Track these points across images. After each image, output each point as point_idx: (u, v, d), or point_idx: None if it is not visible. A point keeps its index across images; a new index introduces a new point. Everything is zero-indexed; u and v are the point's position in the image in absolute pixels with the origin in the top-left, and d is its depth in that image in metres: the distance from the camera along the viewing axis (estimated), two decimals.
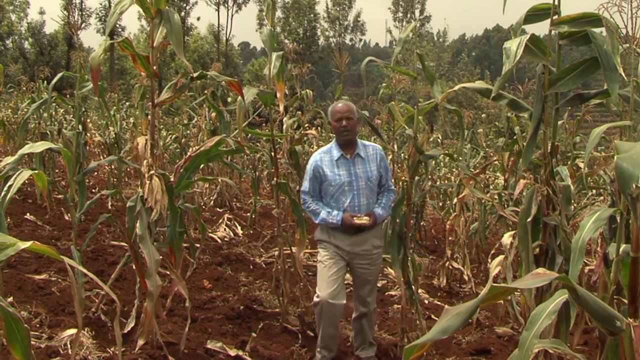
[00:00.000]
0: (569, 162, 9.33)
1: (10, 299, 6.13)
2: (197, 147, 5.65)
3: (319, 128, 17.04)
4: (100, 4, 74.71)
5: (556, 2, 4.07)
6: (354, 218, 6.11)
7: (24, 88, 19.05)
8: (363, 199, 6.26)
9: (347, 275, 6.69)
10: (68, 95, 15.69)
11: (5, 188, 4.60)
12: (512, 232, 5.30)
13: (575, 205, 9.93)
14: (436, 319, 7.33)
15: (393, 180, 11.90)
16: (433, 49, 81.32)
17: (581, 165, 9.05)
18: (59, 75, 8.12)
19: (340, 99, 7.06)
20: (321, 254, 6.39)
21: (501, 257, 5.69)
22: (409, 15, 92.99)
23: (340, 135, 6.29)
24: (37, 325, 6.01)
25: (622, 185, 2.54)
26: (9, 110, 19.26)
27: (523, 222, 4.30)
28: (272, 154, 7.23)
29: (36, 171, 4.88)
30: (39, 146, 4.97)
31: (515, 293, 5.46)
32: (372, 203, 6.35)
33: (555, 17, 4.07)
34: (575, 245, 3.47)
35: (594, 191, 12.45)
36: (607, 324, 2.39)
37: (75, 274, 2.63)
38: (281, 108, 6.81)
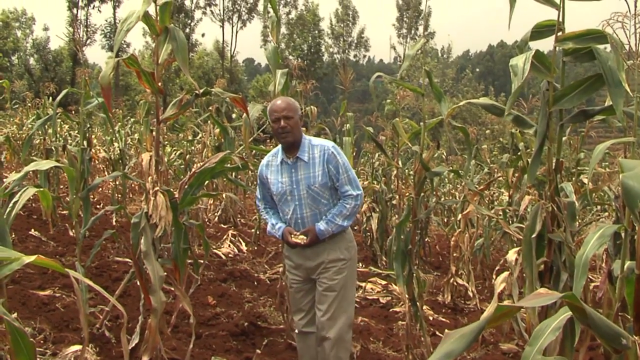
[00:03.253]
0: (573, 179, 9.33)
1: (15, 315, 6.11)
2: (201, 164, 5.65)
3: None
4: (106, 21, 75.18)
5: (560, 19, 4.08)
6: (291, 235, 5.59)
7: (29, 104, 19.07)
8: (306, 210, 5.61)
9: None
10: (73, 112, 15.71)
11: (11, 205, 4.61)
12: (517, 249, 5.27)
13: (579, 221, 9.92)
14: (441, 335, 7.34)
15: (398, 197, 11.92)
16: (437, 65, 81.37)
17: (586, 181, 9.05)
18: (64, 91, 8.16)
19: (277, 98, 5.93)
20: (287, 275, 6.08)
21: (506, 273, 5.65)
22: (412, 32, 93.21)
23: (279, 137, 5.57)
24: (42, 341, 6.01)
25: (629, 203, 2.55)
26: (14, 126, 19.28)
27: (528, 238, 4.29)
28: None
29: (41, 189, 4.90)
30: (45, 164, 4.98)
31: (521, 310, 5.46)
32: (320, 214, 5.63)
33: (560, 33, 4.08)
34: (578, 262, 3.46)
35: (598, 207, 12.43)
36: (612, 341, 2.39)
37: (80, 288, 2.64)
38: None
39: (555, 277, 4.31)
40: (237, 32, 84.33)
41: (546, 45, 4.41)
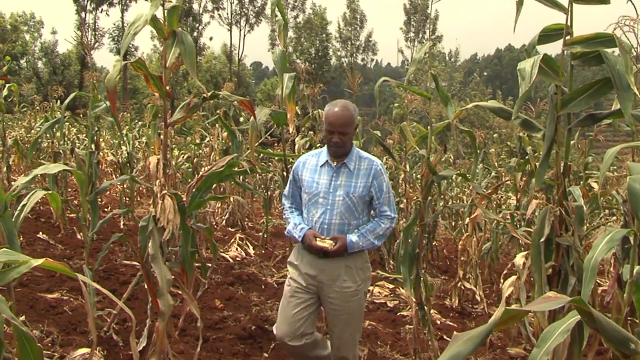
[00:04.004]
0: (581, 182, 9.30)
1: (22, 318, 6.13)
2: (209, 167, 5.65)
3: None
4: (114, 24, 75.52)
5: (569, 23, 4.07)
6: (316, 238, 5.25)
7: (38, 107, 19.12)
8: (336, 217, 5.29)
9: None
10: (81, 115, 15.76)
11: (19, 207, 4.62)
12: (525, 253, 5.26)
13: (587, 225, 9.89)
14: (448, 339, 7.32)
15: (405, 201, 11.90)
16: (445, 68, 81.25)
17: (594, 185, 9.02)
18: (72, 95, 8.19)
19: (337, 103, 5.42)
20: (285, 286, 5.61)
21: (514, 277, 5.64)
22: (420, 35, 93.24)
23: (329, 148, 5.36)
24: (49, 345, 6.02)
25: (634, 207, 2.54)
26: (23, 130, 19.34)
27: (536, 242, 4.27)
28: (284, 173, 7.25)
29: (50, 192, 4.91)
30: (53, 167, 4.97)
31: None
32: (348, 226, 5.32)
33: (568, 37, 4.07)
34: (587, 265, 3.46)
35: (606, 211, 12.40)
36: (621, 346, 2.38)
37: (88, 292, 2.65)
38: (291, 129, 6.83)
39: (563, 281, 4.30)
40: (244, 35, 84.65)
41: (554, 49, 4.40)
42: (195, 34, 76.78)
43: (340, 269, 5.30)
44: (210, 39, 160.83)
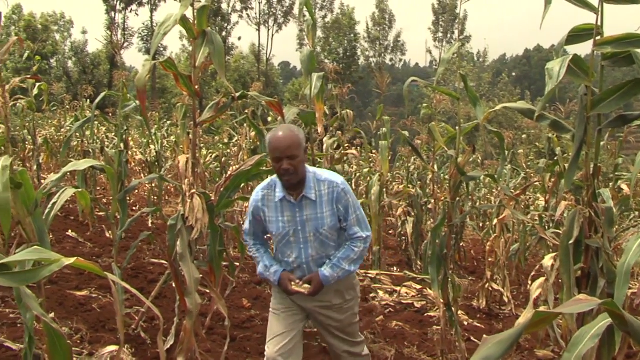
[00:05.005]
0: (611, 184, 9.24)
1: (52, 315, 6.18)
2: (237, 167, 5.66)
3: (358, 148, 16.97)
4: (143, 24, 75.91)
5: (599, 23, 4.04)
6: (292, 283, 4.86)
7: (67, 106, 19.27)
8: (312, 252, 4.91)
9: None
10: (110, 114, 15.86)
11: (50, 206, 4.65)
12: (553, 254, 5.23)
13: (617, 227, 9.83)
14: (475, 340, 7.30)
15: (433, 202, 11.86)
16: (473, 69, 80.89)
17: (623, 187, 8.97)
18: (103, 94, 8.22)
19: (280, 128, 4.88)
20: (273, 300, 5.21)
21: (542, 279, 5.59)
22: (449, 36, 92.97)
23: (281, 178, 4.78)
24: (78, 341, 6.07)
25: None
26: (53, 129, 19.49)
27: (565, 244, 4.25)
28: None
29: (80, 189, 4.94)
30: (83, 164, 5.00)
31: None
32: (326, 258, 4.97)
33: (598, 37, 4.04)
34: (620, 269, 3.43)
35: (637, 213, 12.31)
36: None
37: (117, 290, 2.66)
38: (320, 129, 6.83)
39: (592, 284, 4.27)
40: (273, 35, 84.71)
41: (584, 49, 4.38)
42: (223, 33, 76.92)
43: (329, 295, 5.01)
44: (239, 38, 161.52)
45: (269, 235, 5.21)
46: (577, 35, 4.22)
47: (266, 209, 4.94)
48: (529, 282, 6.93)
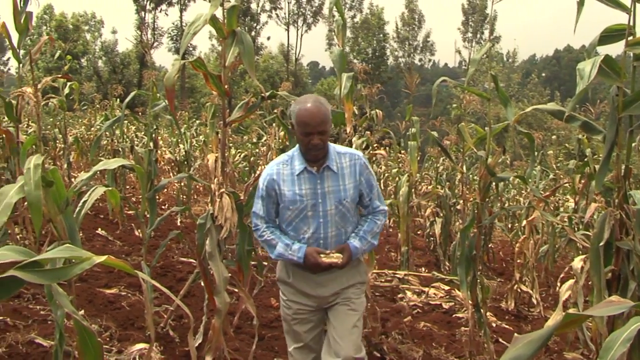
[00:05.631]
0: None
1: (82, 313, 6.22)
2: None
3: (387, 148, 16.93)
4: (173, 24, 76.31)
5: (631, 23, 4.01)
6: (321, 255, 4.60)
7: (98, 106, 19.42)
8: (332, 228, 4.70)
9: None
10: (140, 113, 15.96)
11: (80, 204, 4.68)
12: (583, 256, 5.20)
13: None
14: (504, 342, 7.27)
15: (462, 202, 11.83)
16: (502, 69, 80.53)
17: None
18: (133, 93, 8.27)
19: (307, 99, 4.70)
20: (282, 308, 4.98)
21: (571, 281, 5.56)
22: (478, 36, 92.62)
23: (309, 153, 4.63)
24: (107, 339, 6.11)
25: None
26: (83, 127, 19.64)
27: (595, 246, 4.22)
28: None
29: (110, 188, 4.97)
30: (113, 163, 5.03)
31: None
32: (344, 234, 4.79)
33: (630, 38, 4.01)
34: None
35: None
36: None
37: (146, 288, 2.68)
38: (349, 129, 6.82)
39: (623, 286, 4.24)
40: (301, 35, 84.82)
41: (616, 49, 4.34)
42: (253, 33, 77.21)
43: (341, 278, 4.78)
44: (268, 38, 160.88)
45: None
46: (609, 35, 4.19)
47: (281, 182, 4.70)
48: (558, 284, 6.90)
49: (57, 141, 15.96)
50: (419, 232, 16.19)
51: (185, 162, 15.33)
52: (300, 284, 4.79)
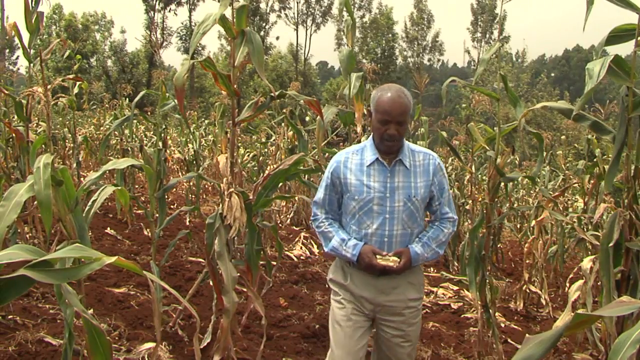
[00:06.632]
0: None
1: (91, 312, 6.24)
2: (276, 166, 5.67)
3: None
4: (182, 23, 76.44)
5: None
6: (377, 257, 4.30)
7: (107, 105, 19.45)
8: (398, 226, 4.39)
9: None
10: (149, 113, 15.98)
11: (89, 203, 4.70)
12: (592, 257, 5.19)
13: None
14: (513, 342, 7.26)
15: (471, 203, 11.80)
16: (512, 69, 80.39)
17: None
18: (142, 93, 8.30)
19: (390, 87, 4.49)
20: (334, 309, 4.64)
21: (580, 282, 5.55)
22: (487, 36, 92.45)
23: (383, 143, 4.39)
24: (116, 338, 6.13)
25: None
26: (92, 127, 19.67)
27: (605, 247, 4.21)
28: None
29: (119, 187, 4.98)
30: (122, 162, 5.03)
31: None
32: (411, 235, 4.48)
33: None
34: None
35: None
36: None
37: (155, 288, 2.68)
38: (359, 129, 6.82)
39: (632, 287, 4.23)
40: (310, 35, 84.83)
41: (625, 49, 4.34)
42: (262, 33, 77.29)
43: (403, 287, 4.47)
44: (277, 38, 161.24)
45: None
46: (618, 35, 4.17)
47: (348, 171, 4.48)
48: (567, 285, 6.89)
49: (67, 140, 16.01)
50: None
51: (194, 162, 15.34)
52: (359, 289, 4.48)
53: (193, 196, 15.14)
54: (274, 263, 7.04)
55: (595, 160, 9.60)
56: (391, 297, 4.42)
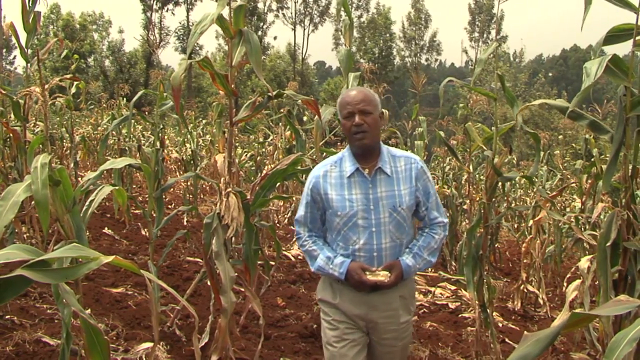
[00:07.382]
0: None
1: (89, 311, 6.23)
2: (273, 166, 5.67)
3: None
4: (179, 23, 76.45)
5: (639, 23, 4.00)
6: (366, 273, 4.10)
7: (104, 105, 19.46)
8: (386, 239, 4.18)
9: None
10: (147, 113, 15.98)
11: (87, 203, 4.69)
12: (590, 257, 5.18)
13: None
14: (510, 342, 7.27)
15: (468, 202, 11.81)
16: (509, 69, 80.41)
17: None
18: (140, 93, 8.30)
19: (352, 88, 4.47)
20: (326, 330, 4.43)
21: (578, 281, 5.54)
22: (485, 36, 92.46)
23: (352, 138, 4.20)
24: (114, 338, 6.13)
25: None
26: (90, 127, 19.68)
27: (602, 246, 4.21)
28: None
29: (117, 187, 4.98)
30: (120, 162, 5.02)
31: None
32: (400, 246, 4.29)
33: (638, 37, 4.00)
34: None
35: None
36: None
37: (153, 288, 2.68)
38: None
39: (629, 287, 4.23)
40: (308, 35, 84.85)
41: (623, 49, 4.33)
42: (259, 33, 77.31)
43: (396, 303, 4.29)
44: (275, 38, 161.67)
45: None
46: (616, 35, 4.17)
47: (328, 186, 4.25)
48: (565, 284, 6.90)
49: (64, 140, 16.03)
50: None
51: (192, 162, 15.34)
52: (348, 307, 4.27)
53: (191, 196, 15.15)
54: (272, 263, 7.03)
55: (592, 159, 9.61)
56: (384, 311, 4.25)
